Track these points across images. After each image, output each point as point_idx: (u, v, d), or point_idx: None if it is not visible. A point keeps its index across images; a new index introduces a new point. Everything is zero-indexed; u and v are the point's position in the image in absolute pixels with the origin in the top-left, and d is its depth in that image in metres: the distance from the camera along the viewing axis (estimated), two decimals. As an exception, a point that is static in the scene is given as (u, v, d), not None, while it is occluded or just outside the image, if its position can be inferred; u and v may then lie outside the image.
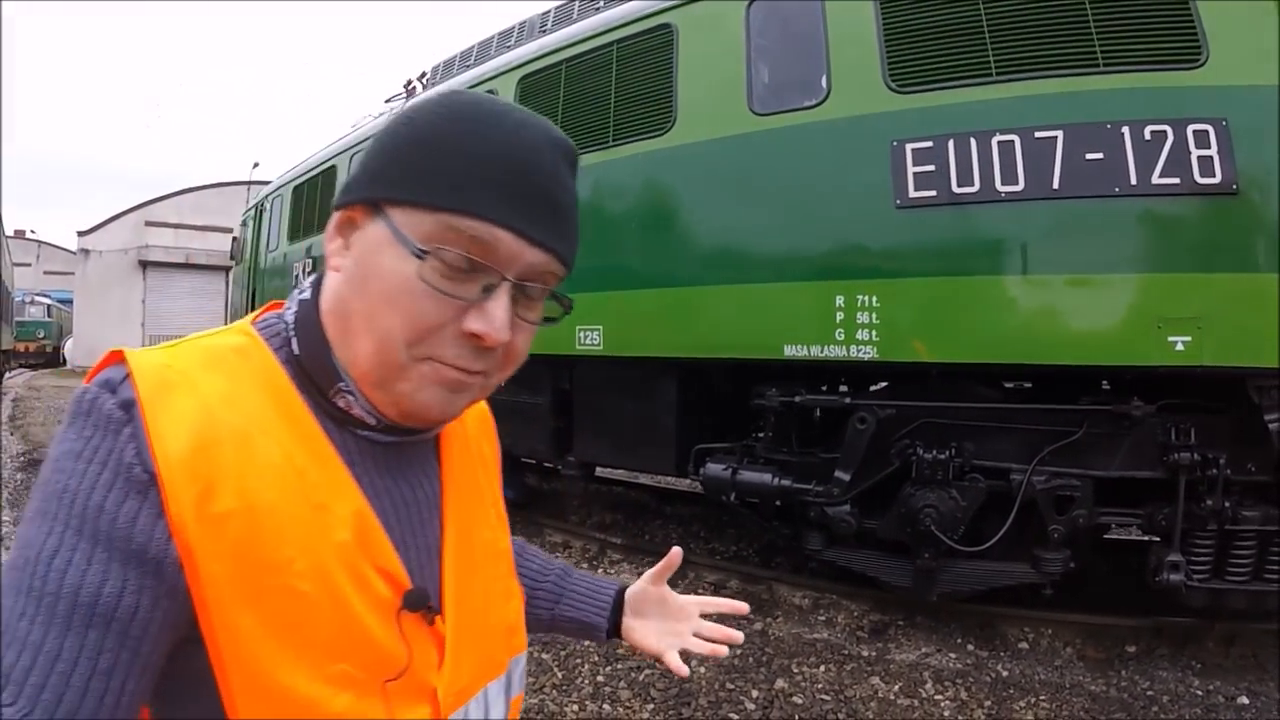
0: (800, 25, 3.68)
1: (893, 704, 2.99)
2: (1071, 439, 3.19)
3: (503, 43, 5.62)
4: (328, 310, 0.59)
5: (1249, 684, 3.11)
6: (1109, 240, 2.98)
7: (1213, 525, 3.06)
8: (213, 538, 0.50)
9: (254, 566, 0.51)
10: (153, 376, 0.52)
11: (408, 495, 0.62)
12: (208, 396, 0.53)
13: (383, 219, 0.55)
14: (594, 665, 3.32)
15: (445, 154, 0.54)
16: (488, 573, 0.70)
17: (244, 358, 0.57)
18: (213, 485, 0.50)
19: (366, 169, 0.58)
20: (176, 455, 0.50)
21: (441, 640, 0.61)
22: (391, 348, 0.55)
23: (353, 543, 0.55)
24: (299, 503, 0.53)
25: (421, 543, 0.63)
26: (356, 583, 0.55)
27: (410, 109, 0.58)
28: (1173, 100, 2.91)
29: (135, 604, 0.49)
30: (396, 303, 0.54)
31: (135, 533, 0.49)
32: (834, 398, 3.61)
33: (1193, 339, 2.86)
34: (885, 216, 3.31)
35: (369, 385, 0.58)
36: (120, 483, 0.49)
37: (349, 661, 0.54)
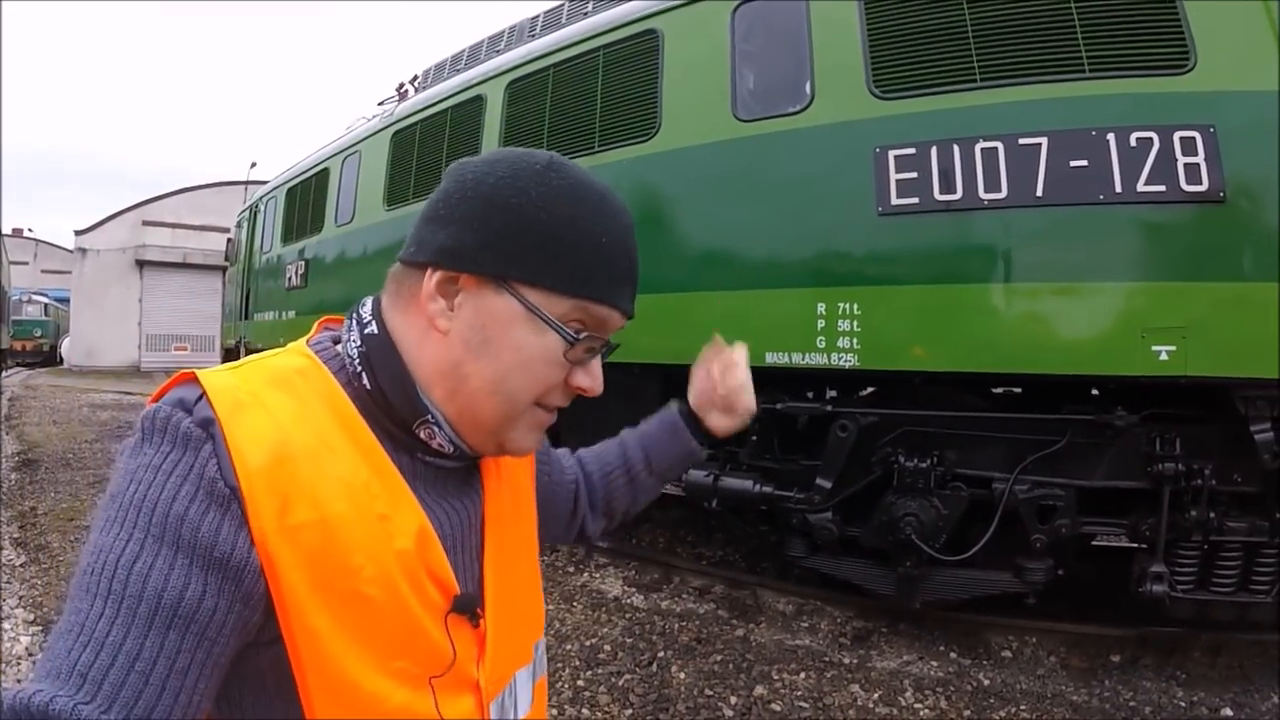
0: (785, 31, 3.66)
1: (871, 712, 2.98)
2: (1054, 448, 3.17)
3: (492, 47, 5.62)
4: (430, 367, 0.64)
5: (1234, 695, 3.08)
6: (1093, 248, 2.94)
7: (1198, 536, 3.04)
8: (291, 547, 0.54)
9: (328, 573, 0.55)
10: (228, 397, 0.56)
11: (452, 511, 0.68)
12: (279, 415, 0.57)
13: (510, 295, 0.62)
14: (574, 669, 3.31)
15: (577, 244, 0.62)
16: (520, 572, 0.77)
17: (305, 379, 0.62)
18: (289, 498, 0.55)
19: (480, 239, 0.62)
20: (257, 470, 0.54)
21: (482, 639, 0.67)
22: (518, 406, 0.65)
23: (412, 551, 0.60)
24: (365, 514, 0.58)
25: (466, 549, 0.69)
26: (414, 587, 0.60)
27: (510, 179, 0.62)
28: (1159, 106, 2.87)
29: (214, 607, 0.52)
30: (530, 370, 0.64)
31: (219, 542, 0.52)
32: (815, 405, 3.59)
33: (1177, 348, 2.83)
34: (867, 224, 3.29)
35: (483, 433, 0.66)
36: (202, 495, 0.53)
37: (407, 659, 0.60)
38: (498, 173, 0.64)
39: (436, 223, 0.64)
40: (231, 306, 10.98)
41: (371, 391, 0.64)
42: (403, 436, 0.65)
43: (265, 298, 8.73)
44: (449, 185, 0.65)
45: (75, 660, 0.48)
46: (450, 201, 0.64)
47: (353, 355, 0.65)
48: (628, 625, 3.80)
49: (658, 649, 3.52)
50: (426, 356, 0.65)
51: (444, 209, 0.64)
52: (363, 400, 0.64)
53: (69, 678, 0.48)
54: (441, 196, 0.65)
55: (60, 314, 28.23)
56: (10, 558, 4.64)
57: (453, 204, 0.64)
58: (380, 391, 0.64)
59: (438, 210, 0.65)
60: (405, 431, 0.65)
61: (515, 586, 0.76)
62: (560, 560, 4.95)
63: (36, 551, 4.74)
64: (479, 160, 0.66)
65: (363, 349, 0.65)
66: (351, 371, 0.65)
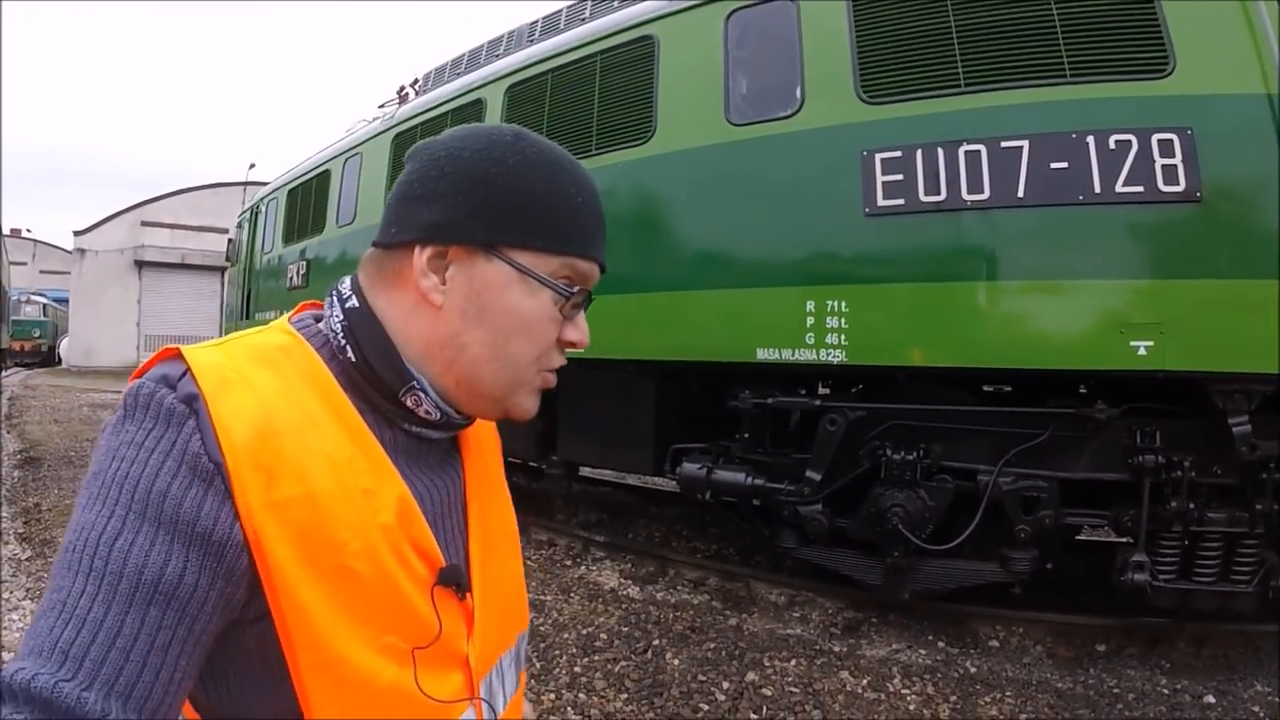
0: (776, 37, 3.76)
1: (860, 697, 3.06)
2: (1037, 441, 3.26)
3: (492, 51, 5.71)
4: (423, 342, 0.65)
5: (1218, 684, 3.15)
6: (1072, 247, 3.03)
7: (1178, 527, 3.11)
8: (278, 522, 0.54)
9: (315, 548, 0.55)
10: (213, 373, 0.56)
11: (436, 483, 0.69)
12: (264, 391, 0.57)
13: (501, 260, 0.64)
14: (571, 657, 3.40)
15: (557, 206, 0.66)
16: (504, 553, 0.78)
17: (289, 356, 0.62)
18: (275, 473, 0.55)
19: (466, 211, 0.64)
20: (242, 445, 0.54)
21: (470, 614, 0.68)
22: (523, 368, 0.67)
23: (395, 524, 0.60)
24: (350, 488, 0.58)
25: (449, 526, 0.70)
26: (399, 560, 0.60)
27: (485, 151, 0.65)
28: (1138, 110, 2.95)
29: (195, 583, 0.52)
30: (529, 331, 0.66)
31: (201, 517, 0.52)
32: (805, 400, 3.68)
33: (1155, 344, 2.91)
34: (855, 224, 3.39)
35: (485, 400, 0.68)
36: (185, 470, 0.53)
37: (395, 634, 0.60)
38: (472, 147, 0.65)
39: (417, 201, 0.65)
40: (232, 306, 11.06)
41: (357, 363, 0.64)
42: (389, 406, 0.66)
43: (266, 297, 8.82)
44: (421, 166, 0.67)
45: (57, 638, 0.48)
46: (427, 180, 0.65)
47: (336, 329, 0.65)
48: (624, 615, 3.89)
49: (653, 637, 3.61)
50: (416, 332, 0.66)
51: (421, 188, 0.65)
52: (347, 373, 0.64)
53: (50, 655, 0.48)
54: (416, 177, 0.66)
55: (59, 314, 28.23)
56: (15, 552, 4.72)
57: (430, 182, 0.65)
58: (365, 362, 0.64)
59: (414, 190, 0.66)
60: (391, 401, 0.65)
61: (500, 566, 0.77)
62: (558, 554, 5.04)
63: (41, 546, 4.82)
64: (444, 140, 0.68)
65: (345, 322, 0.65)
66: (336, 345, 0.65)
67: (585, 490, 6.73)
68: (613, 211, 4.33)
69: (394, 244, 0.66)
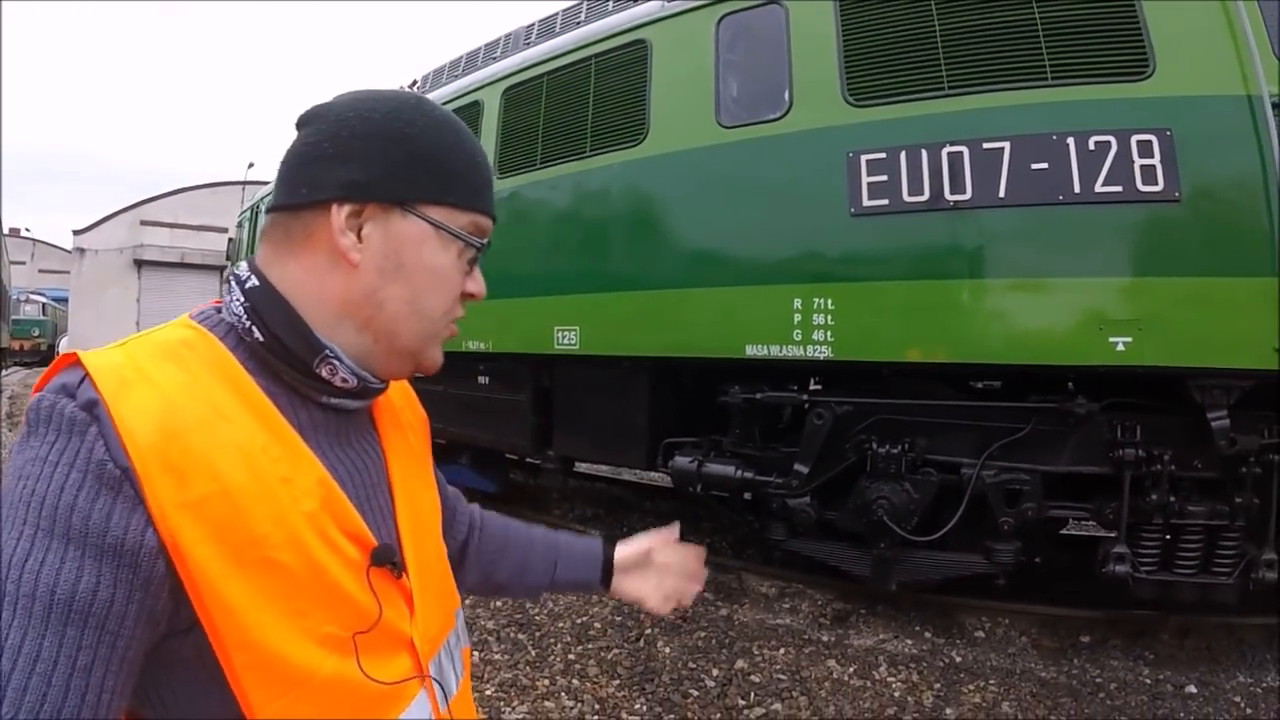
0: (765, 41, 3.82)
1: (846, 684, 3.14)
2: (1019, 435, 3.33)
3: (489, 54, 5.77)
4: (338, 302, 0.65)
5: (1200, 674, 3.20)
6: (1052, 246, 3.08)
7: (1159, 519, 3.16)
8: (193, 522, 0.52)
9: (236, 545, 0.54)
10: (111, 375, 0.54)
11: (358, 463, 0.69)
12: (166, 388, 0.55)
13: (417, 217, 0.66)
14: (566, 645, 3.47)
15: (464, 164, 0.69)
16: (433, 531, 0.79)
17: (192, 349, 0.60)
18: (186, 472, 0.53)
19: (384, 169, 0.65)
20: (148, 447, 0.52)
21: (408, 594, 0.68)
22: (436, 320, 0.69)
23: (319, 509, 0.60)
24: (266, 479, 0.57)
25: (376, 507, 0.69)
26: (328, 546, 0.59)
27: (395, 113, 0.66)
28: (1118, 111, 3.00)
29: (110, 598, 0.50)
30: (443, 285, 0.68)
31: (110, 527, 0.50)
32: (793, 394, 3.76)
33: (1134, 340, 2.95)
34: (840, 224, 3.46)
35: (401, 355, 0.69)
36: (90, 481, 0.51)
37: (334, 623, 0.59)
38: (381, 109, 0.66)
39: (330, 161, 0.65)
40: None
41: (265, 341, 0.63)
42: (304, 380, 0.65)
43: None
44: (328, 127, 0.66)
45: None
46: (339, 140, 0.65)
47: (239, 313, 0.64)
48: (617, 605, 3.95)
49: (645, 626, 3.69)
50: (332, 293, 0.65)
51: (334, 148, 0.65)
52: (257, 355, 0.64)
53: None
54: (324, 138, 0.66)
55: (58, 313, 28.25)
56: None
57: (343, 141, 0.65)
58: (275, 339, 0.63)
59: (325, 150, 0.65)
60: (306, 374, 0.65)
61: (432, 544, 0.77)
62: (554, 549, 5.09)
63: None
64: (348, 102, 0.68)
65: (247, 303, 0.64)
66: (241, 329, 0.64)
67: (581, 485, 6.80)
68: (607, 212, 4.42)
69: (305, 204, 0.65)
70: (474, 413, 5.32)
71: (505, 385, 5.10)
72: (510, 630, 3.64)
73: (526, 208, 4.83)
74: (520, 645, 3.46)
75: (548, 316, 4.56)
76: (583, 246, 4.46)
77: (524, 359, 4.86)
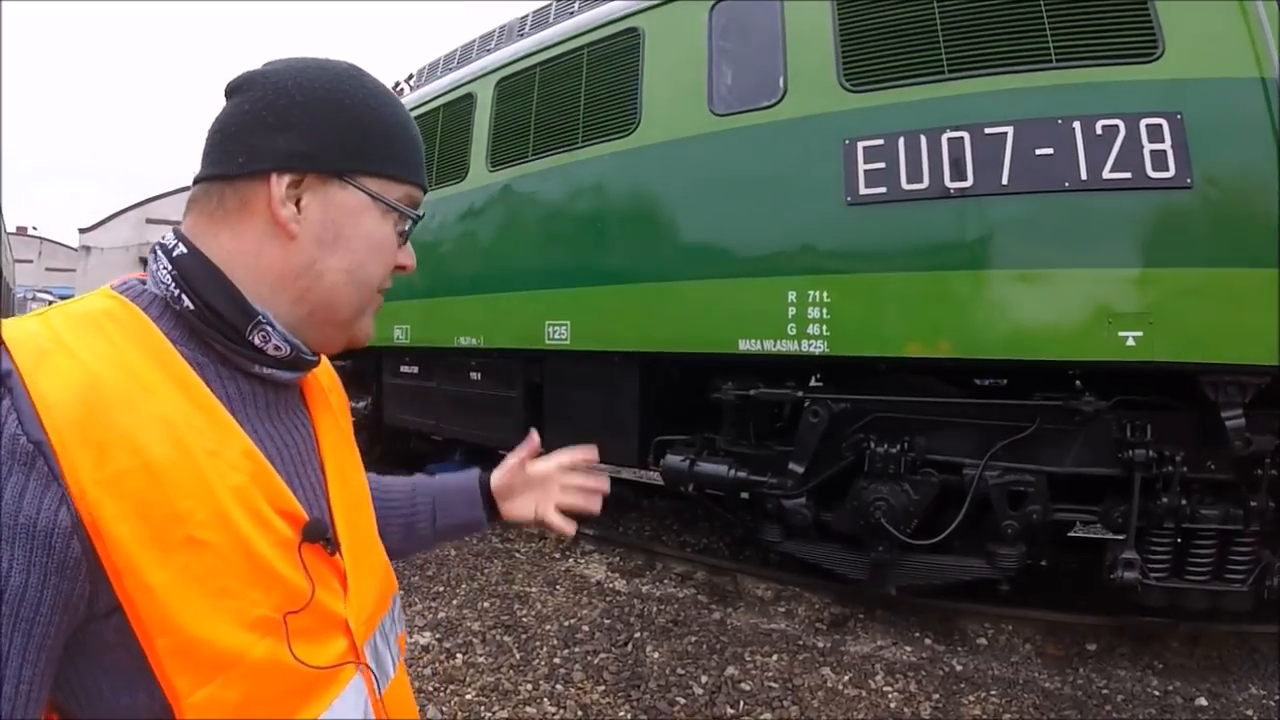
0: (760, 27, 3.72)
1: (840, 694, 3.02)
2: (1024, 434, 3.20)
3: (483, 46, 5.70)
4: (275, 273, 0.64)
5: (1210, 685, 3.09)
6: (1058, 236, 2.96)
7: (1170, 523, 3.04)
8: (114, 498, 0.50)
9: (157, 522, 0.51)
10: (28, 345, 0.52)
11: (287, 439, 0.67)
12: (87, 359, 0.53)
13: (356, 188, 0.65)
14: (552, 648, 3.38)
15: (400, 136, 0.69)
16: (365, 509, 0.77)
17: (114, 320, 0.58)
18: (106, 446, 0.51)
19: (324, 139, 0.63)
20: (65, 420, 0.50)
21: (342, 572, 0.66)
22: (370, 290, 0.69)
23: (248, 484, 0.58)
24: (191, 453, 0.54)
25: (307, 482, 0.67)
26: (257, 522, 0.57)
27: (335, 84, 0.65)
28: (1126, 94, 2.88)
29: (23, 584, 0.48)
30: (380, 255, 0.68)
31: (23, 507, 0.48)
32: (788, 391, 3.63)
33: (1144, 334, 2.85)
34: (836, 213, 3.34)
35: (335, 326, 0.68)
36: (4, 457, 0.48)
37: (263, 604, 0.56)
38: (322, 78, 0.65)
39: (270, 129, 0.62)
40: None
41: (196, 309, 0.61)
42: (236, 349, 0.63)
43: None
44: (267, 95, 0.63)
45: None
46: (278, 108, 0.63)
47: (166, 281, 0.62)
48: (607, 608, 3.86)
49: (634, 630, 3.58)
50: (268, 265, 0.64)
51: (273, 116, 0.63)
52: (185, 324, 0.61)
53: None
54: (263, 105, 0.63)
55: (66, 312, 28.53)
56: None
57: (283, 110, 0.63)
58: (206, 306, 0.61)
59: (264, 118, 0.63)
60: (238, 342, 0.63)
61: (366, 523, 0.75)
62: (547, 546, 5.01)
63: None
64: (285, 70, 0.65)
65: (175, 272, 0.62)
66: (170, 297, 0.61)
67: (576, 483, 6.69)
68: (598, 204, 4.33)
69: (241, 173, 0.63)
70: (465, 409, 5.25)
71: (497, 381, 5.02)
72: (496, 632, 3.54)
73: (518, 201, 4.75)
74: (505, 648, 3.37)
75: (539, 311, 4.47)
76: (574, 240, 4.37)
77: (515, 354, 4.78)
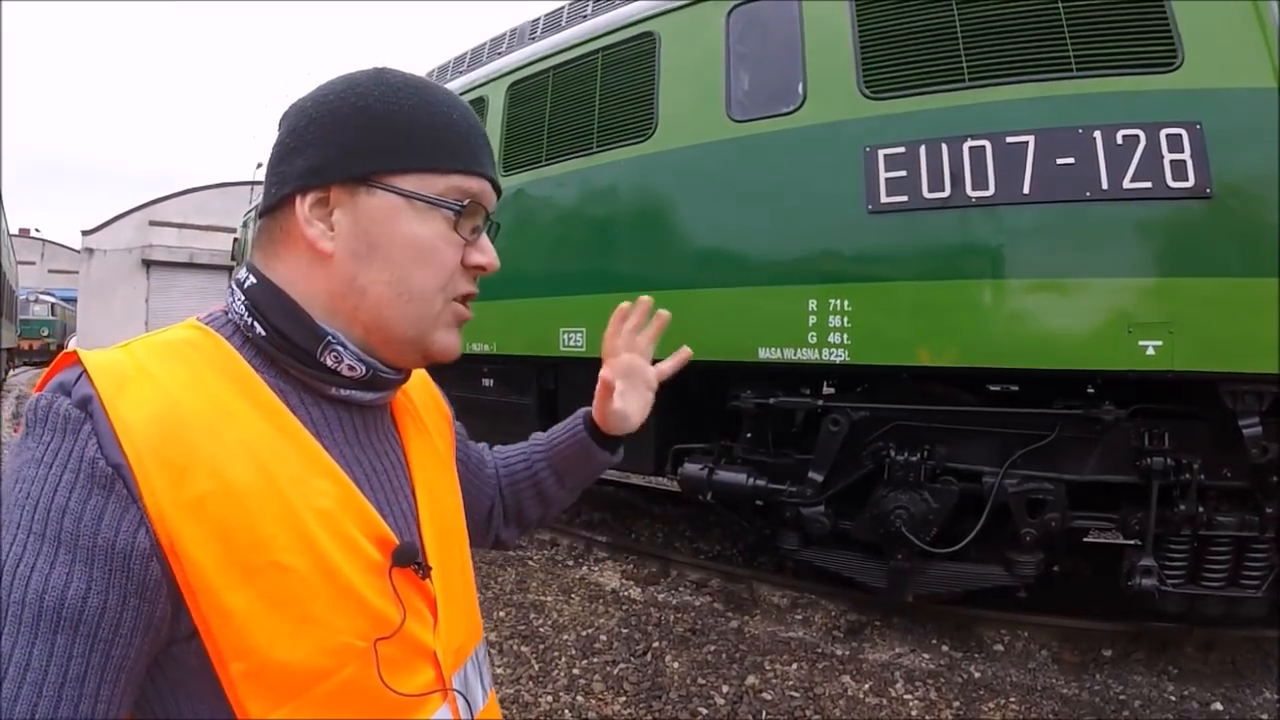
0: (778, 32, 3.72)
1: (861, 702, 3.02)
2: (1043, 442, 3.21)
3: (494, 49, 5.68)
4: (326, 295, 0.62)
5: (1225, 690, 3.10)
6: (1079, 245, 2.97)
7: (1187, 530, 3.05)
8: (193, 523, 0.50)
9: (238, 547, 0.51)
10: (109, 371, 0.53)
11: (376, 463, 0.65)
12: (168, 385, 0.54)
13: (384, 190, 0.61)
14: (570, 659, 3.37)
15: (431, 124, 0.62)
16: (459, 537, 0.74)
17: (198, 349, 0.58)
18: (185, 469, 0.51)
19: (339, 148, 0.61)
20: (145, 443, 0.50)
21: (432, 599, 0.64)
22: (431, 299, 0.63)
23: (335, 509, 0.57)
24: (275, 478, 0.54)
25: (398, 508, 0.65)
26: (345, 548, 0.56)
27: (349, 89, 0.63)
28: (1146, 104, 2.89)
29: (102, 604, 0.48)
30: (427, 259, 0.63)
31: (101, 529, 0.49)
32: (807, 400, 3.63)
33: (1164, 343, 2.85)
34: (857, 221, 3.34)
35: (401, 344, 0.64)
36: (83, 480, 0.49)
37: (348, 632, 0.55)
38: (336, 90, 0.63)
39: (292, 155, 0.62)
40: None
41: (267, 335, 0.61)
42: (311, 373, 0.62)
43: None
44: (293, 121, 0.64)
45: None
46: (297, 133, 0.63)
47: (240, 311, 0.62)
48: (624, 616, 3.86)
49: (653, 639, 3.58)
50: (319, 288, 0.63)
51: (293, 142, 0.63)
52: (262, 351, 0.61)
53: None
54: (286, 135, 0.64)
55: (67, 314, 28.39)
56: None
57: (299, 133, 0.62)
58: (276, 331, 0.61)
59: (287, 147, 0.63)
60: (312, 365, 0.62)
61: (458, 550, 0.72)
62: (560, 554, 5.01)
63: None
64: (312, 93, 0.65)
65: (247, 301, 0.62)
66: (244, 325, 0.61)
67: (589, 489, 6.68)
68: (615, 210, 4.31)
69: (275, 203, 0.63)
70: (478, 416, 5.22)
71: (510, 388, 5.01)
72: (513, 643, 3.53)
73: (532, 206, 4.74)
74: (523, 659, 3.36)
75: (553, 317, 4.45)
76: (590, 245, 4.36)
77: (529, 361, 4.76)
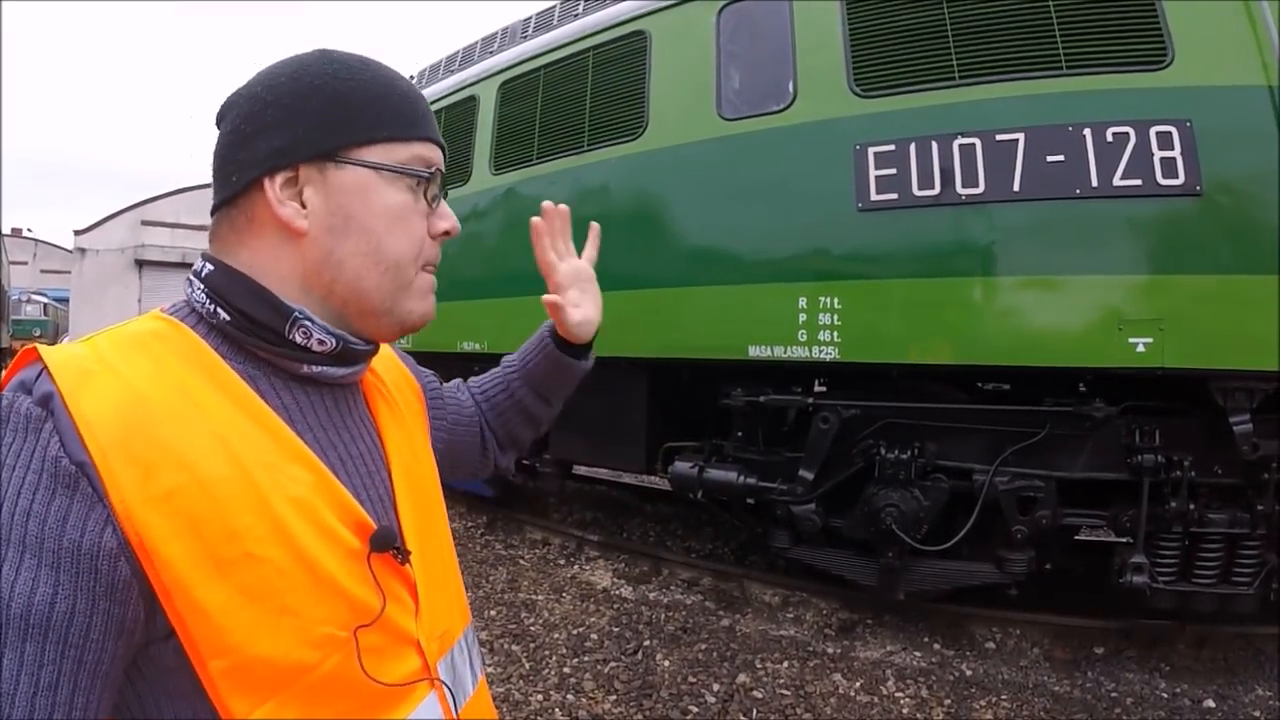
0: (768, 31, 3.71)
1: (852, 700, 3.02)
2: (1034, 440, 3.21)
3: (486, 48, 5.66)
4: (299, 273, 0.62)
5: (1218, 687, 3.11)
6: (1069, 242, 2.97)
7: (1178, 528, 3.06)
8: (163, 518, 0.49)
9: (210, 540, 0.50)
10: (69, 367, 0.51)
11: (351, 447, 0.64)
12: (131, 378, 0.52)
13: (352, 164, 0.61)
14: (561, 657, 3.36)
15: (386, 96, 0.63)
16: (438, 520, 0.73)
17: (162, 340, 0.57)
18: (152, 464, 0.49)
19: (303, 127, 0.61)
20: (109, 439, 0.49)
21: (412, 584, 0.63)
22: (405, 267, 0.64)
23: (310, 496, 0.56)
24: (246, 467, 0.53)
25: (374, 492, 0.64)
26: (321, 534, 0.55)
27: (302, 70, 0.63)
28: (1136, 102, 2.90)
29: (70, 609, 0.47)
30: (401, 227, 0.63)
31: (66, 530, 0.47)
32: (797, 398, 3.63)
33: (1154, 340, 2.85)
34: (847, 219, 3.34)
35: (377, 315, 0.64)
36: (46, 481, 0.48)
37: (329, 622, 0.54)
38: (286, 72, 0.63)
39: (251, 140, 0.61)
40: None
41: (233, 319, 0.60)
42: (281, 351, 0.61)
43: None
44: (243, 110, 0.63)
45: None
46: (253, 117, 0.62)
47: (201, 299, 0.61)
48: (615, 615, 3.85)
49: (644, 638, 3.57)
50: (290, 269, 0.62)
51: (250, 126, 0.62)
52: (228, 337, 0.60)
53: None
54: (241, 121, 0.62)
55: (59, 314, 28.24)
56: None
57: (257, 117, 0.61)
58: (240, 313, 0.60)
59: (242, 134, 0.62)
60: (280, 343, 0.61)
61: (438, 533, 0.71)
62: (552, 553, 4.99)
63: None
64: (255, 81, 0.64)
65: (207, 289, 0.61)
66: (207, 313, 0.60)
67: (580, 488, 6.68)
68: (605, 208, 4.32)
69: (239, 190, 0.62)
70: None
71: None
72: (504, 641, 3.52)
73: (523, 204, 4.72)
74: (514, 658, 3.35)
75: (544, 316, 4.42)
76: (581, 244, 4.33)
77: (520, 360, 4.74)
